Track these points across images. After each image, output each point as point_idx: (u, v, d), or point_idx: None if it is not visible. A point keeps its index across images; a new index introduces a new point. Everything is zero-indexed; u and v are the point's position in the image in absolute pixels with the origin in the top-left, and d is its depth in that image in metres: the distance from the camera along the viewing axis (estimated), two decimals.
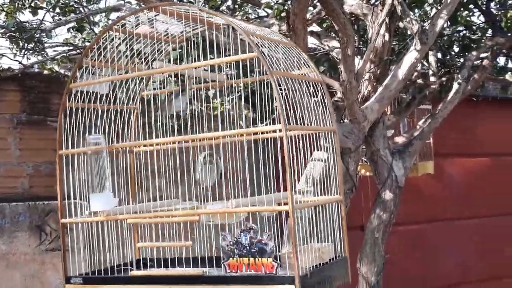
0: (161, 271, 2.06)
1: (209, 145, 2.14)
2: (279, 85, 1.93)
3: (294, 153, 1.92)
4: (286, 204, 1.94)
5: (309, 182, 3.16)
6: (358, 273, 3.61)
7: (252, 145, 2.26)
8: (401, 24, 3.69)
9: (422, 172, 4.28)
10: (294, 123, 1.96)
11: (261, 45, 1.92)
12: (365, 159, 4.06)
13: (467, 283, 5.96)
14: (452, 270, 5.88)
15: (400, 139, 3.97)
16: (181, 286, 1.89)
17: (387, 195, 3.57)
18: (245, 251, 1.81)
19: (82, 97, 2.12)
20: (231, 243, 1.83)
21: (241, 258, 1.81)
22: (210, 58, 2.31)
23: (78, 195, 2.06)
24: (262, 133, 2.18)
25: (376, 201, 3.65)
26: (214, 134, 1.96)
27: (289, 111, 1.94)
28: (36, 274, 3.94)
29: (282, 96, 1.92)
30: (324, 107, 2.11)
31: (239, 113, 3.63)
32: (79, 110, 2.11)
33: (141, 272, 2.03)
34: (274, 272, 1.79)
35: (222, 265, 1.85)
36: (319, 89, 2.13)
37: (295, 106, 2.02)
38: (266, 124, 2.70)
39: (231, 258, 1.83)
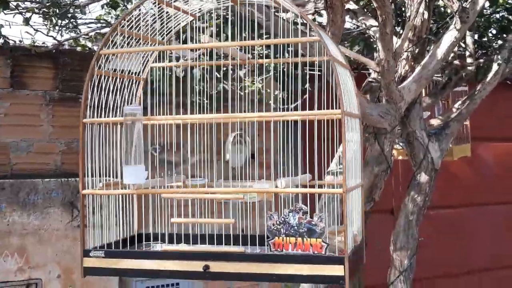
0: (195, 247, 1.97)
1: (239, 125, 2.10)
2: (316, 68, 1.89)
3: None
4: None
5: (339, 164, 3.12)
6: (391, 256, 3.57)
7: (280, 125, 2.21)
8: (440, 2, 3.60)
9: (458, 156, 4.19)
10: (333, 106, 1.87)
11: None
12: (400, 143, 3.99)
13: (501, 269, 5.89)
14: (485, 255, 5.80)
15: (435, 121, 3.89)
16: (220, 263, 1.82)
17: (423, 177, 3.51)
18: (292, 231, 1.77)
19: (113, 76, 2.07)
20: (278, 222, 1.78)
21: (288, 238, 1.77)
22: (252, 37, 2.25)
23: (103, 168, 1.99)
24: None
25: (411, 184, 3.59)
26: (261, 114, 1.89)
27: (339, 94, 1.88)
28: (68, 250, 3.98)
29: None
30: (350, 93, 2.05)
31: (270, 92, 3.58)
32: (107, 81, 2.03)
33: (174, 247, 1.95)
34: (323, 252, 1.75)
35: (267, 243, 1.80)
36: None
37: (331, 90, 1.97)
38: (296, 107, 2.65)
39: (276, 237, 1.78)
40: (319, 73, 2.03)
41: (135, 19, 2.02)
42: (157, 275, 1.88)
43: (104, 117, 1.98)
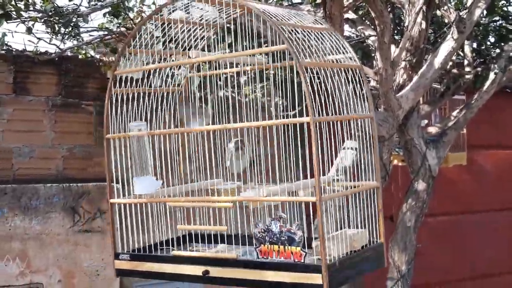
0: (198, 253, 2.09)
1: (239, 132, 2.16)
2: (317, 73, 1.92)
3: (327, 141, 1.91)
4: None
5: (340, 171, 3.15)
6: (389, 262, 3.61)
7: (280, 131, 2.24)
8: (438, 13, 3.65)
9: (454, 163, 4.24)
10: (328, 112, 1.89)
11: (294, 33, 1.90)
12: (397, 150, 4.04)
13: (496, 275, 5.92)
14: (481, 261, 5.83)
15: (433, 129, 3.94)
16: (216, 268, 1.94)
17: (420, 184, 3.55)
18: (275, 239, 1.83)
19: (119, 83, 2.14)
20: (263, 230, 1.85)
21: (272, 245, 1.84)
22: (244, 46, 2.30)
23: (121, 178, 2.10)
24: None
25: (408, 190, 3.63)
26: (242, 124, 1.95)
27: (326, 100, 1.91)
28: (69, 255, 4.01)
29: (318, 85, 1.90)
30: (360, 93, 2.08)
31: (271, 100, 3.62)
32: (119, 95, 2.12)
33: (181, 253, 2.09)
34: (302, 261, 1.79)
35: (255, 250, 1.87)
36: (357, 75, 2.09)
37: (332, 94, 2.00)
38: (295, 114, 2.69)
39: (262, 245, 1.85)
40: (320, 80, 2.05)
41: (144, 33, 2.08)
42: (171, 278, 2.04)
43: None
